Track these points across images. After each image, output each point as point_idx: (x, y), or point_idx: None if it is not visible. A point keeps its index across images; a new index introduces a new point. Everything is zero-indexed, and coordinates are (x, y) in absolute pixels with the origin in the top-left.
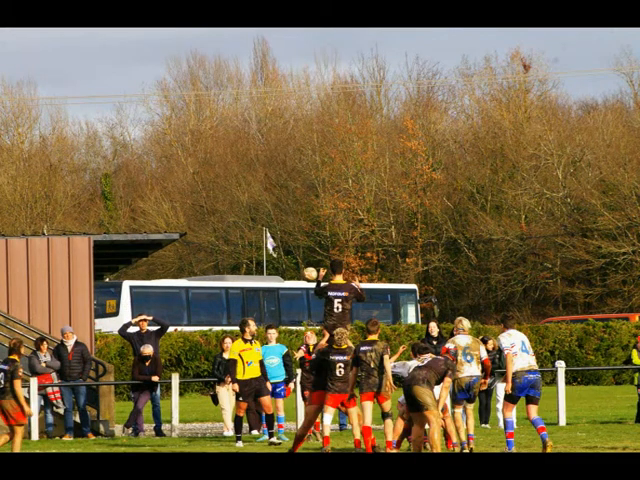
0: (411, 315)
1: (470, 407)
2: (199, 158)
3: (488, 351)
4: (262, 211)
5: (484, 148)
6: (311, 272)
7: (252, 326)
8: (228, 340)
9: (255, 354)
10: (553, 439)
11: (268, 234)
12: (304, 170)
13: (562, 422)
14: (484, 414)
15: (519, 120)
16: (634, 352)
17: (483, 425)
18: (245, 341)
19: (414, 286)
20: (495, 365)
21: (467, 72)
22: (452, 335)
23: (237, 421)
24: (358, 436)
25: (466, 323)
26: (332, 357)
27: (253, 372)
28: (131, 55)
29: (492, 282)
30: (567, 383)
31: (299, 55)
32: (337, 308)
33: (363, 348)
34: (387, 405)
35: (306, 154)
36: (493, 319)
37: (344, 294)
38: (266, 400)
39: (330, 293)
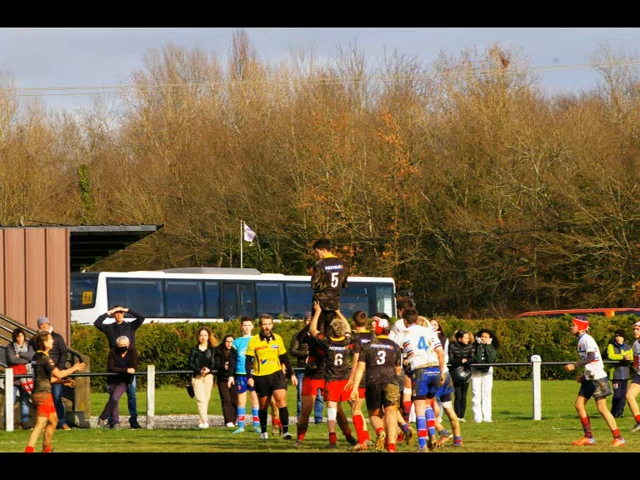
0: (387, 309)
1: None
2: (176, 150)
3: (464, 345)
4: (239, 204)
5: (462, 142)
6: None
7: (266, 323)
8: (204, 332)
9: (271, 352)
10: (528, 433)
11: (246, 226)
12: (281, 163)
13: (537, 416)
14: (459, 408)
15: (497, 115)
16: (610, 347)
17: (459, 419)
18: (262, 338)
19: (391, 280)
20: (471, 359)
21: (445, 66)
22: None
23: (261, 415)
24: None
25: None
26: (331, 348)
27: (268, 369)
28: (109, 47)
29: (469, 276)
30: (542, 378)
31: (278, 48)
32: (334, 282)
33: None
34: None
35: (283, 147)
36: (469, 313)
37: (340, 267)
38: (279, 393)
39: (327, 268)
